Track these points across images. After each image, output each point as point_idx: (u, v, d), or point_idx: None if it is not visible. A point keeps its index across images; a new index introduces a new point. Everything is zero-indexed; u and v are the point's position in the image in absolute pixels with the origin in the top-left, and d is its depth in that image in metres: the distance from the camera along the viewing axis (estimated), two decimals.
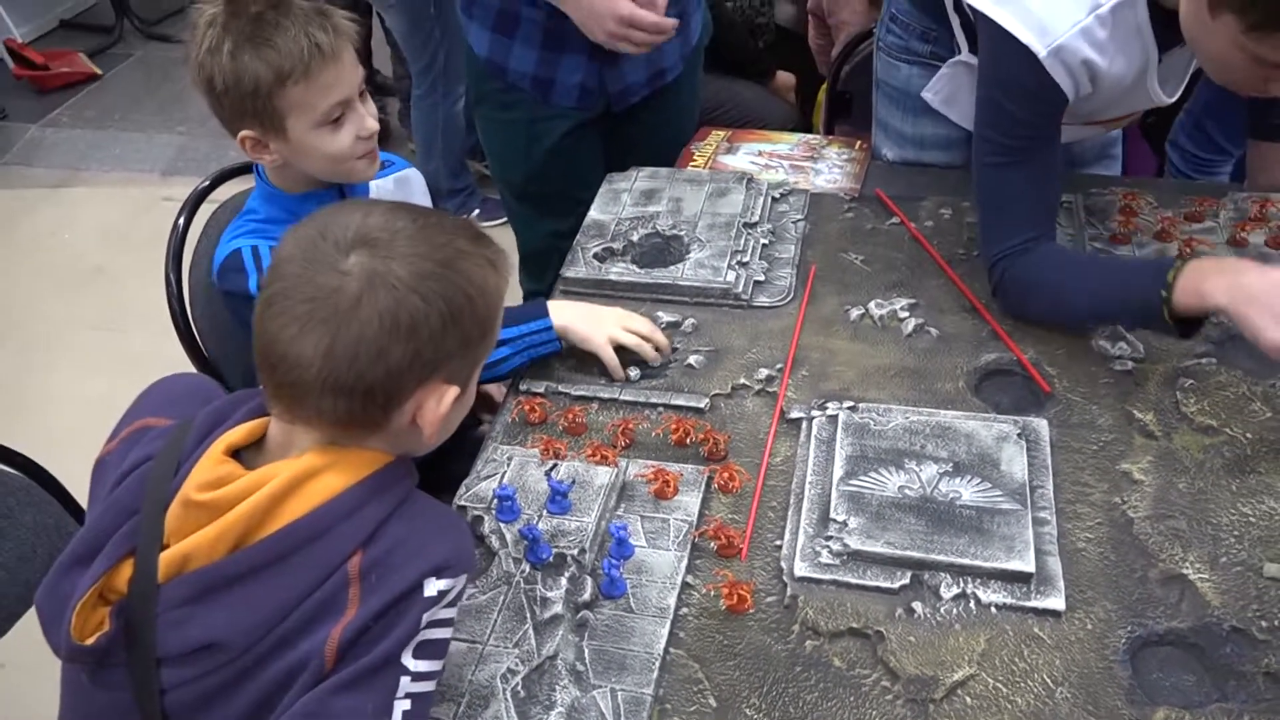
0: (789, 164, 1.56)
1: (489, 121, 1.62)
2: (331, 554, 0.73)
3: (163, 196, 3.24)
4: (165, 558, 0.72)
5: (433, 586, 0.73)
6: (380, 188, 1.34)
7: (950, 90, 1.41)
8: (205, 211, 1.44)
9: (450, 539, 0.77)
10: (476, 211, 2.83)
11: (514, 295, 1.83)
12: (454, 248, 0.77)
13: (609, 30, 1.33)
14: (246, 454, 0.78)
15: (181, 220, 1.42)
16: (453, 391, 0.78)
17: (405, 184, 1.40)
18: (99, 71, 3.95)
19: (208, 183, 1.49)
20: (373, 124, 1.18)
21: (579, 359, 1.21)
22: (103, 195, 3.32)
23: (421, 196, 1.43)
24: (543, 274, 1.36)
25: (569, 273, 1.32)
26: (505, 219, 1.83)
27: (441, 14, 2.50)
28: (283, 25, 1.09)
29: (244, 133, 1.14)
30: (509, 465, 1.04)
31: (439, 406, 0.77)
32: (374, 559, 0.73)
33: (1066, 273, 1.16)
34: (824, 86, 2.31)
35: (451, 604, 0.76)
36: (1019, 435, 1.02)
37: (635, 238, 1.36)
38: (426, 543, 0.75)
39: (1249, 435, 1.04)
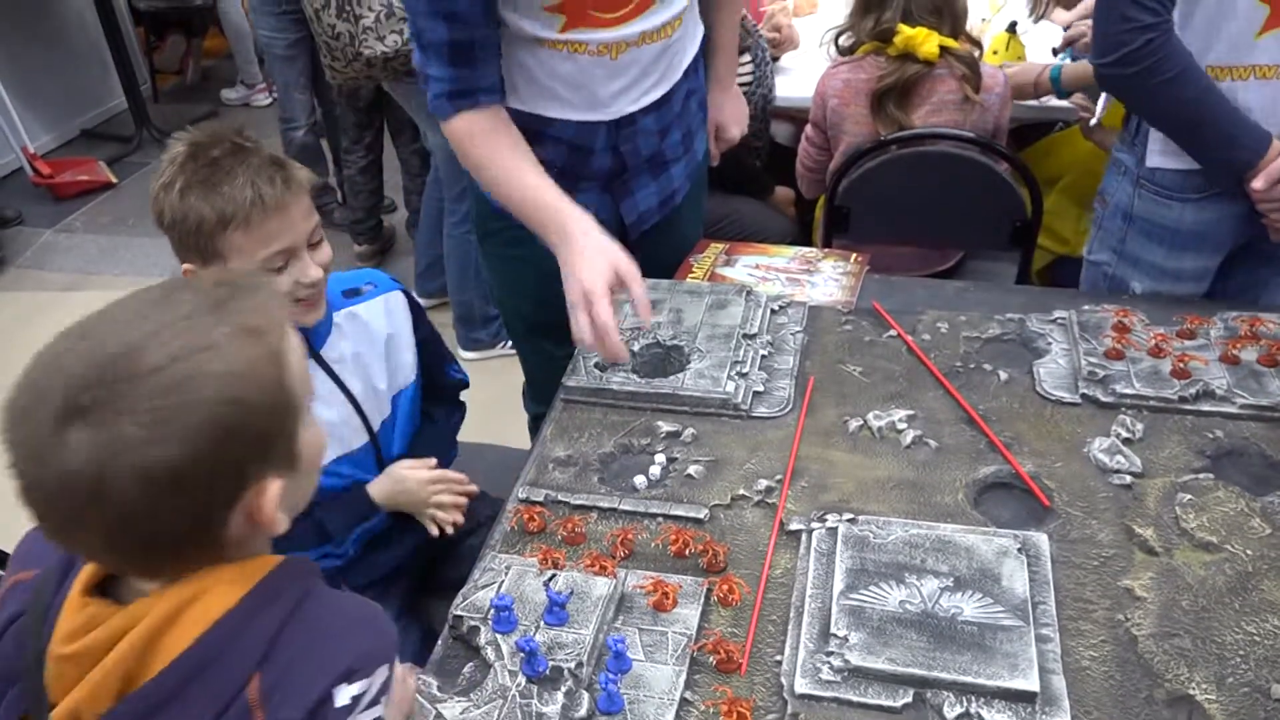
0: (785, 277, 1.60)
1: (497, 258, 1.61)
2: (226, 683, 0.66)
3: None
4: (56, 717, 0.67)
5: (344, 694, 0.67)
6: (349, 317, 1.34)
7: None
8: None
9: (357, 636, 0.72)
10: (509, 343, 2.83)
11: (520, 418, 1.87)
12: (191, 359, 0.66)
13: (575, 297, 1.26)
14: (120, 583, 0.71)
15: None
16: (275, 485, 0.70)
17: (381, 312, 1.38)
18: (115, 180, 4.06)
19: None
20: (315, 273, 1.19)
21: (580, 468, 1.21)
22: (111, 299, 3.37)
23: (403, 322, 1.41)
24: (550, 397, 1.37)
25: (570, 381, 1.33)
26: None
27: None
28: (234, 173, 1.13)
29: (187, 266, 1.18)
30: (507, 574, 1.03)
31: (265, 505, 0.70)
32: (273, 680, 0.67)
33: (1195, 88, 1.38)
34: (821, 200, 2.37)
35: (373, 703, 0.70)
36: (1019, 550, 1.02)
37: (636, 348, 1.38)
38: (330, 647, 0.70)
39: (1249, 552, 1.04)
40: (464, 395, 1.57)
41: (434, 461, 1.39)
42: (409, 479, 1.35)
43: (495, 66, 1.35)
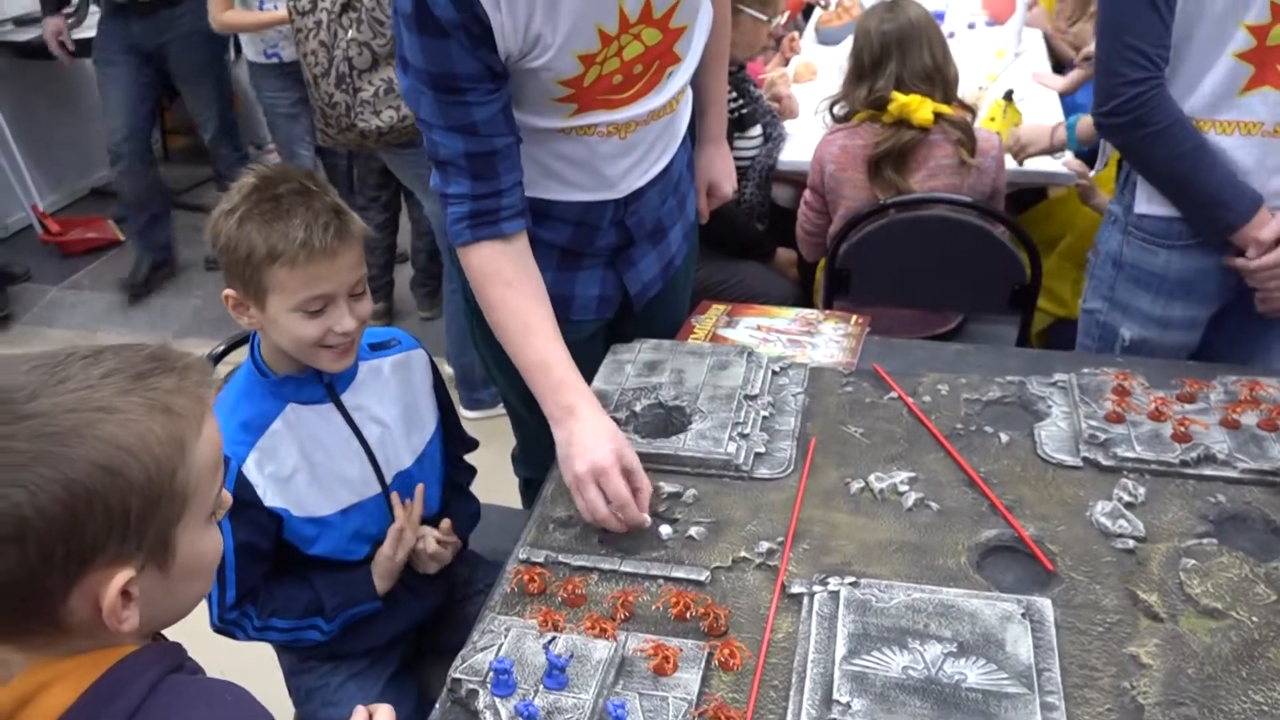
0: (787, 338, 1.61)
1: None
2: None
3: None
4: None
5: None
6: (373, 370, 1.35)
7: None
8: (218, 374, 1.47)
9: None
10: None
11: (510, 482, 1.85)
12: (82, 415, 0.64)
13: (580, 475, 1.18)
14: None
15: None
16: (124, 575, 0.66)
17: (403, 370, 1.38)
18: (122, 238, 4.10)
19: (222, 348, 1.53)
20: (349, 324, 1.21)
21: (581, 529, 1.21)
22: None
23: (423, 381, 1.42)
24: (543, 465, 1.37)
25: None
26: None
27: None
28: (293, 212, 1.16)
29: (229, 291, 1.22)
30: (507, 636, 1.03)
31: (107, 594, 0.65)
32: None
33: (1185, 146, 1.46)
34: (822, 263, 2.39)
35: None
36: (1023, 615, 1.01)
37: (638, 408, 1.39)
38: None
39: (1255, 619, 1.03)
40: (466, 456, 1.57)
41: (400, 529, 1.36)
42: (388, 556, 1.34)
43: (518, 178, 1.30)
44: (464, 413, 2.86)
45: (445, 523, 1.41)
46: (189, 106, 3.72)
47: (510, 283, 1.29)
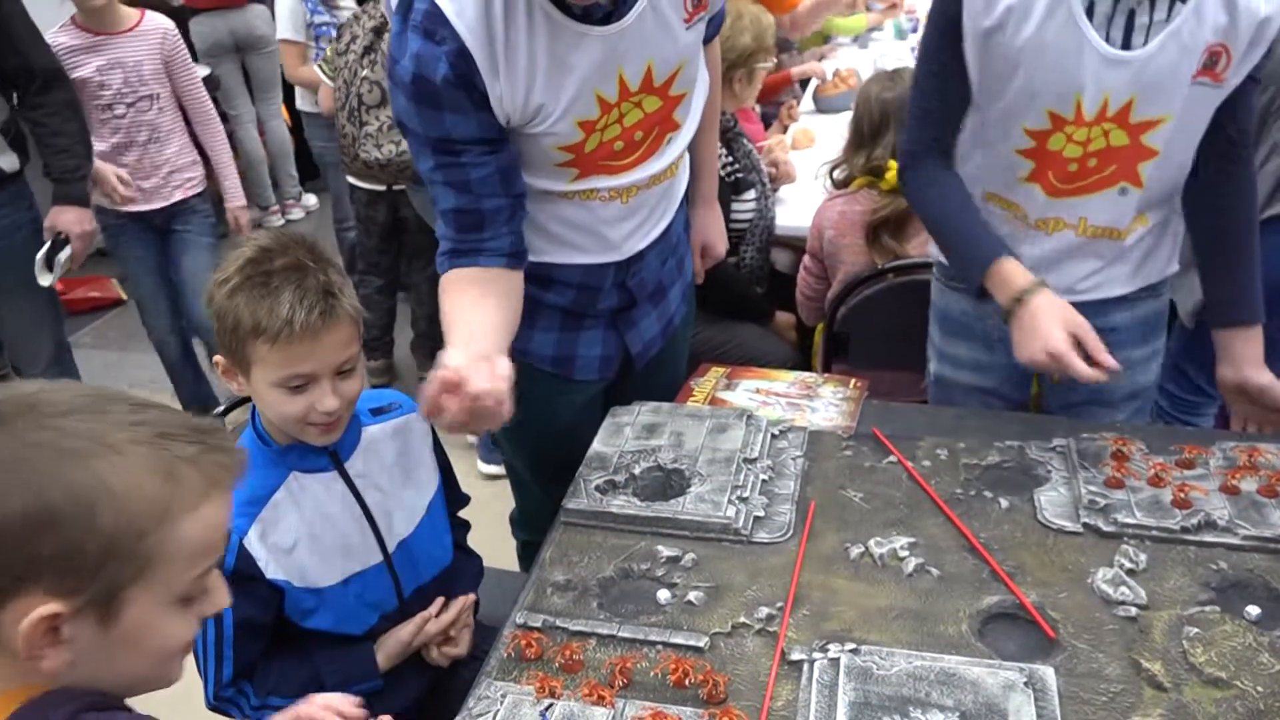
0: (786, 401, 1.61)
1: None
2: None
3: None
4: None
5: None
6: (375, 436, 1.34)
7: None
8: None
9: None
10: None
11: (509, 545, 1.84)
12: (90, 441, 0.65)
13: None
14: None
15: None
16: (48, 606, 0.65)
17: (403, 434, 1.37)
18: (125, 297, 4.13)
19: (222, 409, 1.54)
20: (331, 404, 1.20)
21: (579, 593, 1.20)
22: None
23: (423, 443, 1.41)
24: (542, 528, 1.36)
25: (571, 504, 1.33)
26: None
27: None
28: (281, 290, 1.16)
29: (219, 357, 1.23)
30: (503, 703, 1.01)
31: (23, 627, 0.65)
32: None
33: (942, 206, 1.53)
34: (820, 326, 2.41)
35: None
36: (1026, 684, 1.00)
37: (637, 471, 1.39)
38: None
39: (1260, 689, 1.02)
40: (472, 516, 1.56)
41: (430, 613, 1.36)
42: (404, 641, 1.34)
43: (505, 231, 1.33)
44: (482, 468, 2.87)
45: (463, 645, 1.39)
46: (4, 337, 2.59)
47: (465, 292, 1.31)
